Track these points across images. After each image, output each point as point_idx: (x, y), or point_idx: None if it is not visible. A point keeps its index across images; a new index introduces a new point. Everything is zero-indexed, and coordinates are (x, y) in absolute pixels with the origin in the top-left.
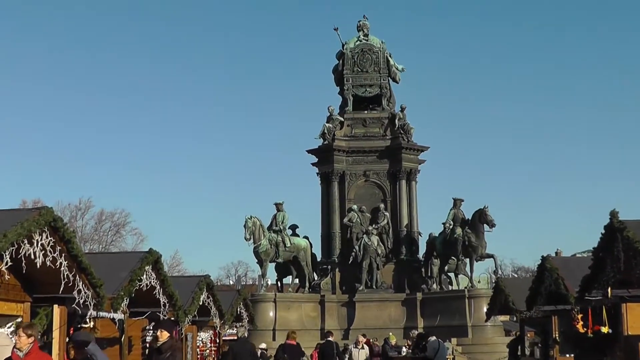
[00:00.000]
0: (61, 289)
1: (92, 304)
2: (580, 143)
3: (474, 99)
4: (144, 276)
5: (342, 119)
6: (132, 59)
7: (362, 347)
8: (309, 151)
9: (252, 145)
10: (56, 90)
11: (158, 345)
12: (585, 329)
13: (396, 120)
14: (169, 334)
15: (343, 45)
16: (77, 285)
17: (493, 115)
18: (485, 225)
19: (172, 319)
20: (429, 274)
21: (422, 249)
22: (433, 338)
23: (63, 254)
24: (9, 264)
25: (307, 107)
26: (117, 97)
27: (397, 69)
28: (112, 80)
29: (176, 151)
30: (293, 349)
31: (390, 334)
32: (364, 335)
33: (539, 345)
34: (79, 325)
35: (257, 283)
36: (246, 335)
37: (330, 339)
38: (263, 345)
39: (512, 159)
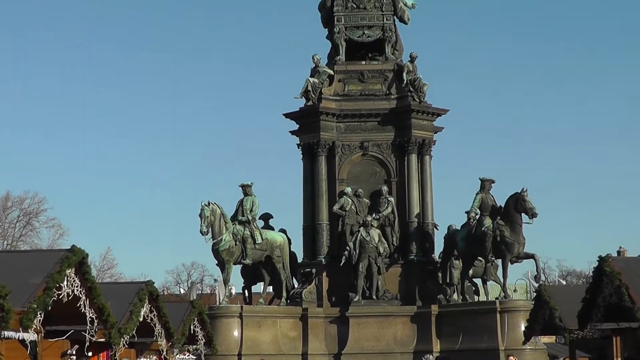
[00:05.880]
0: None
1: None
2: None
3: (508, 45)
4: (65, 283)
5: (331, 72)
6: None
7: None
8: (287, 115)
9: (209, 106)
10: None
11: None
12: None
13: (404, 74)
14: None
15: None
16: None
17: (533, 68)
18: (523, 214)
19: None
20: (448, 280)
21: (439, 247)
22: None
23: None
24: None
25: (284, 55)
26: (30, 45)
27: (405, 4)
28: (25, 27)
29: (106, 114)
30: None
31: None
32: None
33: None
34: None
35: (216, 292)
36: None
37: None
38: None
39: (559, 128)
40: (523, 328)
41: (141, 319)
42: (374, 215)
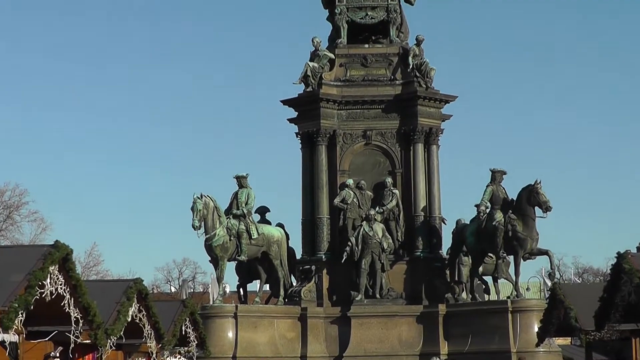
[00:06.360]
0: None
1: None
2: None
3: (521, 27)
4: (48, 280)
5: (332, 56)
6: None
7: None
8: (285, 102)
9: (201, 94)
10: None
11: None
12: None
13: (410, 58)
14: None
15: None
16: None
17: (547, 52)
18: (536, 208)
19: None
20: (457, 278)
21: (447, 242)
22: None
23: None
24: None
25: (282, 38)
26: (18, 39)
27: None
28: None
29: (92, 104)
30: None
31: None
32: None
33: None
34: None
35: (210, 290)
36: None
37: None
38: None
39: (574, 118)
40: (536, 329)
41: (129, 319)
42: (377, 208)
